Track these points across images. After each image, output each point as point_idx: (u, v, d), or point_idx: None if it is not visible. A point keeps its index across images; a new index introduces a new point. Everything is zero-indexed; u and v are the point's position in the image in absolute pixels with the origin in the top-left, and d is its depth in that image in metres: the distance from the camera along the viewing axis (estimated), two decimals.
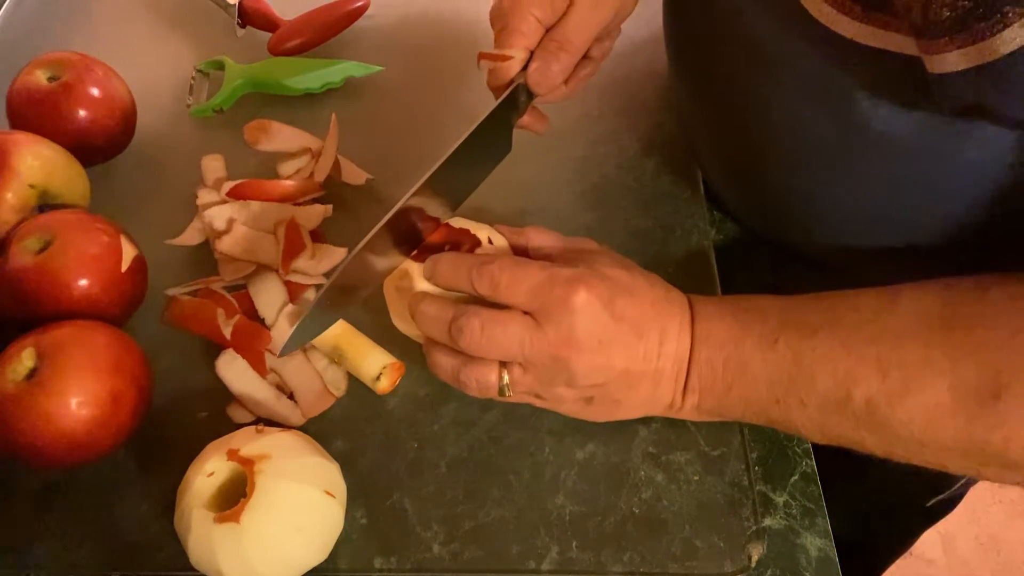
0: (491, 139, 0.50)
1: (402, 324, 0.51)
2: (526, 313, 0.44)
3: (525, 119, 0.53)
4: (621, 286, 0.45)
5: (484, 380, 0.45)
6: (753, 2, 0.46)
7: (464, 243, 0.49)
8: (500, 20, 0.50)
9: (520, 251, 0.50)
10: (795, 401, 0.42)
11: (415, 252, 0.50)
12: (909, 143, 0.42)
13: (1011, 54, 0.33)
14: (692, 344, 0.45)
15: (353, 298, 0.48)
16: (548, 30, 0.49)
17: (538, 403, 0.47)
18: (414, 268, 0.49)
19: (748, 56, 0.48)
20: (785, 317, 0.44)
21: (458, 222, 0.51)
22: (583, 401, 0.46)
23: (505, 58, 0.49)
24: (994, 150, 0.40)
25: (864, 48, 0.40)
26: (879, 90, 0.41)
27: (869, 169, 0.45)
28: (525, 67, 0.49)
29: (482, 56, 0.50)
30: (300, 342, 0.47)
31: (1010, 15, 0.32)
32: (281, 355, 0.48)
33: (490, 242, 0.50)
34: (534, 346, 0.43)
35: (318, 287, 0.55)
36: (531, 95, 0.51)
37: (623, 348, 0.44)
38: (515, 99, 0.50)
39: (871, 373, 0.40)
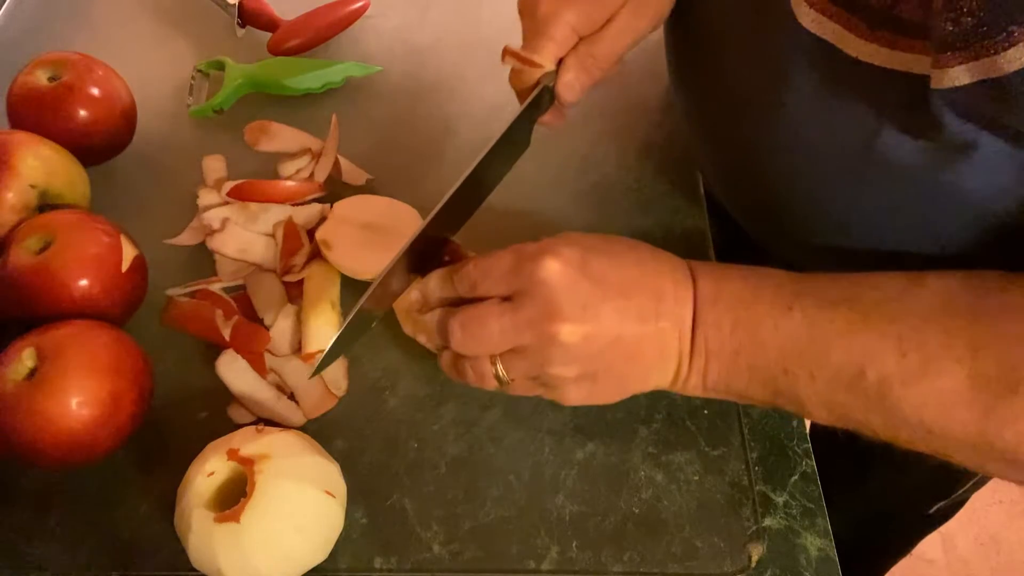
0: (512, 139, 0.49)
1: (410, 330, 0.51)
2: (506, 299, 0.43)
3: (546, 116, 0.51)
4: (594, 249, 0.44)
5: (480, 370, 0.44)
6: (759, 21, 0.45)
7: (458, 254, 0.48)
8: (532, 18, 0.48)
9: None
10: (804, 373, 0.41)
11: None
12: (909, 169, 0.42)
13: (1017, 72, 0.33)
14: (696, 304, 0.43)
15: (380, 311, 0.48)
16: (582, 38, 0.48)
17: (544, 393, 0.46)
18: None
19: (753, 74, 0.47)
20: (800, 287, 0.42)
21: None
22: (588, 381, 0.44)
23: (534, 64, 0.47)
24: (991, 177, 0.40)
25: (869, 69, 0.39)
26: (883, 116, 0.41)
27: (868, 191, 0.45)
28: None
29: (508, 53, 0.48)
30: (334, 357, 0.46)
31: (1016, 34, 0.32)
32: (313, 375, 0.47)
33: None
34: (516, 329, 0.42)
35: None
36: (554, 97, 0.49)
37: (612, 311, 0.42)
38: (539, 100, 0.49)
39: (889, 352, 0.39)
